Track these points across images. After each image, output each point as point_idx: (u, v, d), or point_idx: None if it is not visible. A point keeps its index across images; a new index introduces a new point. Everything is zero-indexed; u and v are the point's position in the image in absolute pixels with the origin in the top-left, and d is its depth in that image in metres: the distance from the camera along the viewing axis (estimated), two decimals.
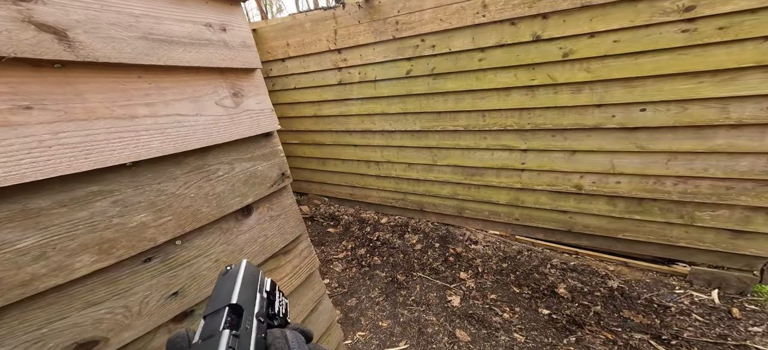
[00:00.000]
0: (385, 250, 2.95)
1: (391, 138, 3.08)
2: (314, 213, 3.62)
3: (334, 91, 3.10)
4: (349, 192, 3.72)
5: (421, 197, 3.25)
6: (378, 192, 3.51)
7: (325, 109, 3.26)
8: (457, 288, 2.42)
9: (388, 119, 3.00)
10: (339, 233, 3.25)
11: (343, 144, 3.36)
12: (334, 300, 2.33)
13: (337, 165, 3.57)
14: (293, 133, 3.62)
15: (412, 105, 2.82)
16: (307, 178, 3.91)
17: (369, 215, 3.58)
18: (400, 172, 3.22)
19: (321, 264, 2.67)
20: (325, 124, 3.35)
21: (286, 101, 3.41)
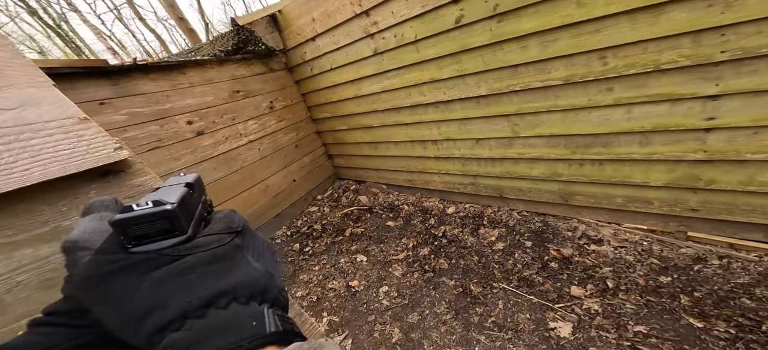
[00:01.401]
0: (454, 250, 2.31)
1: (448, 110, 2.32)
2: (373, 203, 3.28)
3: (372, 65, 2.51)
4: (408, 178, 3.20)
5: (498, 180, 2.42)
6: (440, 177, 2.85)
7: (365, 87, 2.72)
8: (566, 310, 1.62)
9: (440, 87, 2.24)
10: (399, 227, 2.81)
11: (391, 124, 2.79)
12: (393, 314, 1.89)
13: (390, 148, 3.06)
14: (340, 118, 3.25)
15: (470, 63, 1.99)
16: (362, 165, 3.57)
17: (432, 203, 2.98)
18: (465, 150, 2.45)
19: (380, 266, 2.31)
20: (368, 104, 2.83)
21: (326, 85, 3.01)
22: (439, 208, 2.86)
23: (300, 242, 2.77)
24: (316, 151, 3.53)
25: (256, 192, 2.80)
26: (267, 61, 2.96)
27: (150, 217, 0.22)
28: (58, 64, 1.80)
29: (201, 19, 12.11)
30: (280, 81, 3.09)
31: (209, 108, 2.46)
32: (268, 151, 2.94)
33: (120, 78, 2.00)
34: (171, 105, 2.23)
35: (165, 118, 2.19)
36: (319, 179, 3.59)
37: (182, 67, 2.32)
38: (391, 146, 2.99)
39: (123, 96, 2.00)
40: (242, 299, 0.23)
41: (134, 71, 2.06)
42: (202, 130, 2.40)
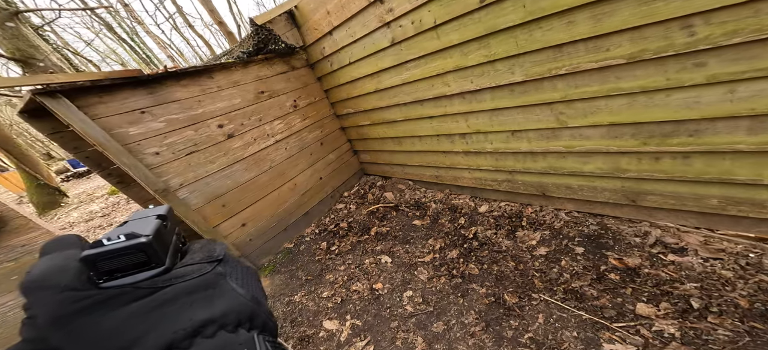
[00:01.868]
0: (486, 254, 2.10)
1: (477, 100, 2.07)
2: (399, 201, 3.16)
3: (390, 56, 2.33)
4: (434, 175, 3.00)
5: (540, 176, 2.12)
6: (471, 173, 2.61)
7: (385, 80, 2.55)
8: (628, 331, 1.36)
9: (466, 76, 2.00)
10: (426, 227, 2.66)
11: (415, 117, 2.60)
12: (417, 322, 1.78)
13: (414, 143, 2.88)
14: (363, 114, 3.14)
15: (500, 47, 1.72)
16: (387, 161, 3.45)
17: (462, 201, 2.76)
18: (499, 144, 2.18)
19: (405, 269, 2.22)
20: (389, 98, 2.66)
21: (347, 80, 2.90)
22: (469, 207, 2.64)
23: (327, 240, 2.78)
24: (341, 147, 3.50)
25: (286, 191, 2.86)
26: (288, 59, 2.94)
27: (123, 251, 0.21)
28: (102, 77, 1.89)
29: (234, 21, 12.77)
30: (302, 79, 3.07)
31: (237, 110, 2.52)
32: (295, 150, 2.97)
33: (155, 86, 2.08)
34: (203, 110, 2.31)
35: (198, 122, 2.28)
36: (346, 176, 3.57)
37: (210, 71, 2.37)
38: (416, 141, 2.81)
39: (160, 104, 2.10)
40: (230, 326, 0.23)
41: (166, 79, 2.14)
42: (232, 132, 2.48)
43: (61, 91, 1.69)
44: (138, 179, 1.96)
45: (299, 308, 2.12)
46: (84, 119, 1.76)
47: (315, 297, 2.16)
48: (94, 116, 1.82)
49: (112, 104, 1.89)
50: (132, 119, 1.97)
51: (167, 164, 2.09)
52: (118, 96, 1.93)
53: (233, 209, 2.44)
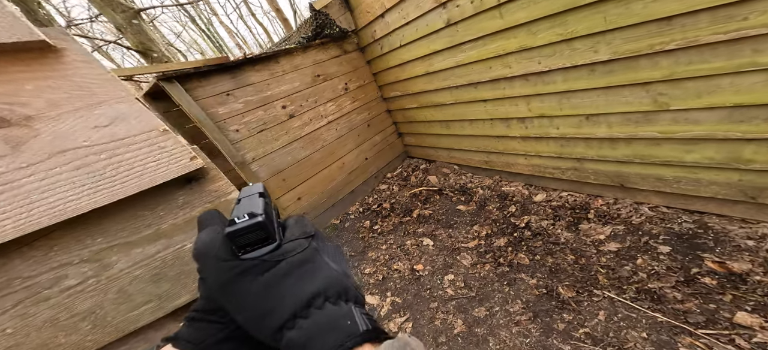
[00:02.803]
0: (540, 245, 1.98)
1: (544, 82, 1.89)
2: (443, 185, 3.14)
3: (444, 38, 2.24)
4: (484, 160, 2.89)
5: (619, 165, 1.88)
6: (527, 160, 2.44)
7: (436, 63, 2.47)
8: (718, 339, 1.20)
9: (533, 56, 1.83)
10: (471, 212, 2.62)
11: (467, 100, 2.49)
12: (457, 305, 1.81)
13: (464, 127, 2.78)
14: (410, 97, 3.11)
15: (582, 23, 1.53)
16: (433, 144, 3.41)
17: (514, 188, 2.62)
18: (567, 128, 1.97)
19: (447, 253, 2.25)
20: (440, 81, 2.58)
21: (396, 63, 2.88)
22: (523, 195, 2.50)
23: (370, 219, 2.92)
24: (386, 129, 3.56)
25: (335, 169, 3.07)
26: (341, 43, 3.03)
27: (250, 228, 0.26)
28: (201, 64, 2.23)
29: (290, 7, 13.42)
30: (353, 62, 3.15)
31: (297, 93, 2.74)
32: (344, 131, 3.13)
33: (236, 71, 2.38)
34: (271, 92, 2.57)
35: (267, 104, 2.56)
36: (390, 157, 3.64)
37: (276, 56, 2.60)
38: (466, 125, 2.72)
39: (240, 87, 2.40)
40: (332, 299, 0.26)
41: (245, 65, 2.42)
42: (293, 113, 2.73)
43: (175, 77, 2.05)
44: (224, 152, 2.33)
45: None
46: (189, 100, 2.12)
47: (357, 272, 2.32)
48: (195, 98, 2.17)
49: (207, 87, 2.23)
50: (220, 100, 2.30)
51: (244, 140, 2.43)
52: (211, 80, 2.25)
53: (291, 184, 2.73)
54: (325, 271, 0.27)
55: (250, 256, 0.26)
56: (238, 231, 0.26)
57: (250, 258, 0.26)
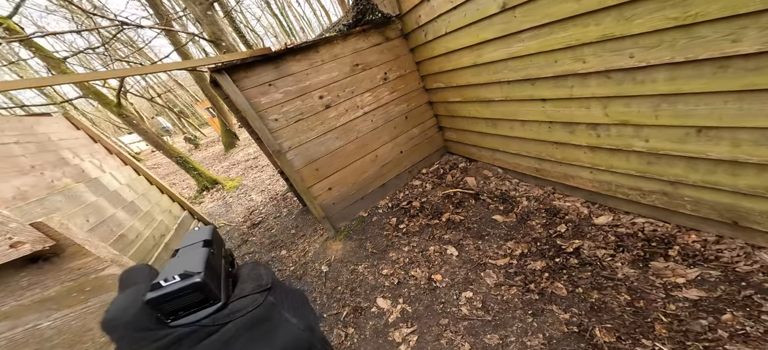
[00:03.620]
0: (587, 276, 1.69)
1: (636, 80, 1.49)
2: (481, 188, 2.88)
3: (497, 25, 1.92)
4: (535, 167, 2.52)
5: (739, 198, 1.44)
6: (594, 174, 2.03)
7: (486, 53, 2.15)
8: None
9: (623, 48, 1.44)
10: (508, 225, 2.35)
11: (520, 98, 2.15)
12: (469, 326, 1.68)
13: (514, 128, 2.42)
14: (454, 90, 2.82)
15: (714, 3, 1.13)
16: (475, 143, 3.10)
17: (570, 205, 2.24)
18: (663, 143, 1.56)
19: (470, 267, 2.10)
20: (489, 74, 2.26)
21: (441, 52, 2.61)
22: (579, 214, 2.13)
23: (398, 217, 2.86)
24: (425, 122, 3.35)
25: (367, 161, 3.06)
26: (383, 30, 2.89)
27: (181, 292, 0.22)
28: (246, 55, 2.34)
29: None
30: (394, 50, 2.99)
31: (335, 83, 2.74)
32: (380, 122, 3.06)
33: (279, 61, 2.46)
34: (309, 82, 2.63)
35: (305, 94, 2.63)
36: (427, 152, 3.46)
37: (316, 46, 2.61)
38: (516, 125, 2.38)
39: (281, 77, 2.50)
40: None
41: (286, 54, 2.48)
42: (329, 103, 2.76)
43: (224, 68, 2.24)
44: (263, 140, 2.54)
45: (360, 279, 2.31)
46: (235, 90, 2.31)
47: (375, 272, 2.32)
48: (241, 87, 2.35)
49: (251, 77, 2.38)
50: (263, 90, 2.45)
51: (282, 129, 2.58)
52: (256, 70, 2.39)
53: (324, 173, 2.83)
54: (282, 329, 0.24)
55: (183, 323, 0.23)
56: (162, 297, 0.22)
57: (183, 324, 0.23)
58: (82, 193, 2.53)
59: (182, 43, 7.32)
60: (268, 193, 4.93)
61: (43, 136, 2.59)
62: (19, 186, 2.02)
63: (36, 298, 0.46)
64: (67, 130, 3.03)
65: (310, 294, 2.36)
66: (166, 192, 3.90)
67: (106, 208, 2.69)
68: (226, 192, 5.79)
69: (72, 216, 2.24)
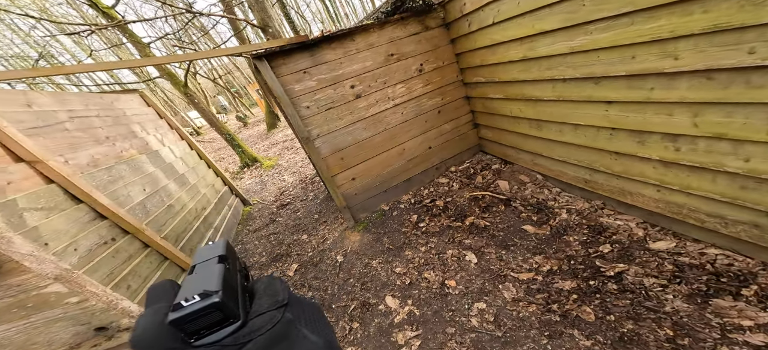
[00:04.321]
0: (624, 305, 1.51)
1: (751, 84, 1.21)
2: (514, 194, 2.66)
3: (560, 14, 1.71)
4: (584, 178, 2.24)
5: None
6: (661, 193, 1.75)
7: (541, 47, 1.94)
8: None
9: (741, 42, 1.17)
10: (540, 238, 2.15)
11: (577, 99, 1.91)
12: (476, 339, 1.58)
13: (564, 132, 2.16)
14: (496, 85, 2.60)
15: None
16: (514, 144, 2.84)
17: (622, 224, 1.96)
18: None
19: (488, 277, 1.99)
20: (542, 70, 2.04)
21: (485, 44, 2.42)
22: (632, 235, 1.88)
23: (419, 214, 2.80)
24: (460, 118, 3.17)
25: (394, 154, 3.02)
26: (423, 18, 2.76)
27: (201, 312, 0.23)
28: (285, 43, 2.42)
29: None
30: (433, 40, 2.85)
31: (367, 72, 2.72)
32: (411, 115, 2.98)
33: (315, 49, 2.51)
34: (342, 71, 2.65)
35: (337, 83, 2.66)
36: (458, 150, 3.28)
37: (352, 34, 2.59)
38: (567, 129, 2.12)
39: (315, 65, 2.55)
40: None
41: (322, 42, 2.51)
42: (360, 93, 2.76)
43: (264, 55, 2.35)
44: (294, 126, 2.66)
45: (372, 274, 2.31)
46: (272, 77, 2.42)
47: (389, 269, 2.31)
48: (278, 74, 2.45)
49: (288, 65, 2.47)
50: (297, 78, 2.53)
51: (312, 117, 2.65)
52: (293, 57, 2.46)
53: (349, 163, 2.87)
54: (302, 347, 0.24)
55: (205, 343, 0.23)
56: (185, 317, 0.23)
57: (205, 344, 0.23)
58: (143, 164, 2.93)
59: (239, 29, 8.03)
60: (299, 175, 5.20)
61: (120, 111, 3.09)
62: (93, 154, 2.40)
63: None
64: (140, 106, 3.56)
65: (322, 283, 2.44)
66: (212, 167, 4.35)
67: (161, 179, 3.07)
68: (263, 171, 6.31)
69: (132, 184, 2.63)
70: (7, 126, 1.74)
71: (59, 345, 0.52)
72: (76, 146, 2.29)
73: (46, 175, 1.88)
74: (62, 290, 0.42)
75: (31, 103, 2.13)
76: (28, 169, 1.80)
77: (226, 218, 3.92)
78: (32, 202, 1.73)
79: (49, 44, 16.56)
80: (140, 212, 2.57)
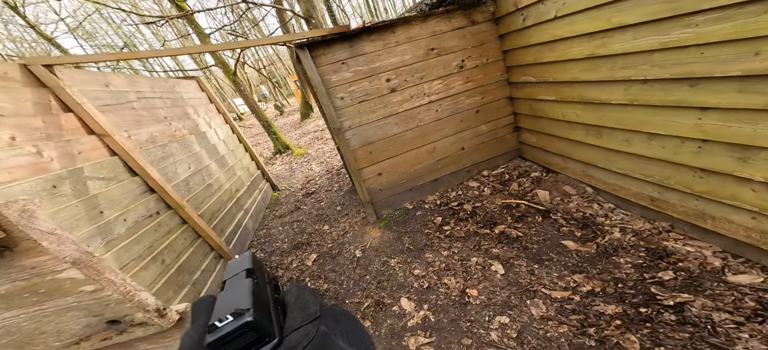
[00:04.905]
0: (681, 338, 1.35)
1: None
2: (555, 206, 2.43)
3: (653, 5, 1.51)
4: (650, 196, 1.97)
5: None
6: (757, 221, 1.52)
7: (616, 43, 1.75)
8: None
9: None
10: (582, 255, 1.92)
11: (658, 104, 1.69)
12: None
13: (633, 142, 1.93)
14: (550, 86, 2.39)
15: None
16: (563, 152, 2.60)
17: (693, 251, 1.72)
18: None
19: (515, 291, 1.86)
20: (614, 70, 1.83)
21: (542, 40, 2.24)
22: (706, 264, 1.63)
23: (443, 217, 2.69)
24: (500, 119, 2.98)
25: (423, 152, 2.94)
26: (470, 12, 2.64)
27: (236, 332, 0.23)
28: (326, 33, 2.46)
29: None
30: (479, 36, 2.71)
31: (405, 66, 2.68)
32: (445, 114, 2.88)
33: (354, 40, 2.52)
34: (379, 63, 2.63)
35: (373, 75, 2.65)
36: (493, 153, 3.09)
37: (393, 26, 2.56)
38: (639, 139, 1.89)
39: (354, 56, 2.57)
40: None
41: (362, 34, 2.51)
42: (395, 87, 2.72)
43: (306, 44, 2.41)
44: (327, 116, 2.67)
45: (389, 273, 2.27)
46: (312, 66, 2.47)
47: (407, 269, 2.25)
48: (317, 64, 2.50)
49: (327, 55, 2.51)
50: (335, 68, 2.56)
51: (345, 108, 2.68)
52: (333, 48, 2.49)
53: (376, 158, 2.85)
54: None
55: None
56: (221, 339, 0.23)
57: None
58: (191, 143, 3.21)
59: (285, 21, 8.56)
60: (326, 166, 5.35)
61: (178, 94, 3.47)
62: (152, 132, 2.69)
63: None
64: (195, 91, 3.97)
65: (339, 276, 2.46)
66: (248, 151, 4.64)
67: (204, 159, 3.33)
68: (293, 158, 6.61)
69: (179, 161, 2.88)
70: (86, 102, 2.00)
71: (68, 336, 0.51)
72: (139, 123, 2.57)
73: (111, 148, 2.12)
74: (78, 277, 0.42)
75: (109, 84, 2.43)
76: (97, 141, 2.05)
77: (256, 201, 4.12)
78: (96, 171, 1.95)
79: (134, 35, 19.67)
80: (183, 189, 2.74)
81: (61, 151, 1.78)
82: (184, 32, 13.38)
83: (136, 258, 1.96)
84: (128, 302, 0.47)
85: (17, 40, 15.72)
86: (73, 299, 0.45)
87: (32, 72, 1.81)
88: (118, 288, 0.47)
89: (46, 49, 15.85)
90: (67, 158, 1.79)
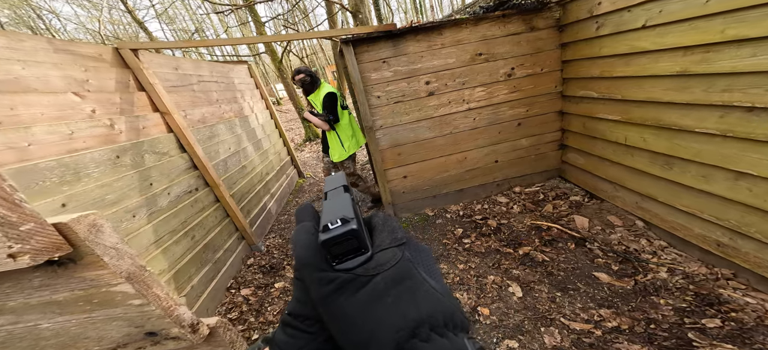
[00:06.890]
0: None
1: None
2: (592, 235, 2.31)
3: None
4: (717, 240, 1.83)
5: None
6: None
7: (726, 59, 1.59)
8: None
9: None
10: (614, 290, 1.80)
11: (761, 139, 1.56)
12: None
13: (712, 179, 1.80)
14: (613, 103, 2.27)
15: None
16: (615, 178, 2.42)
17: (754, 303, 1.58)
18: None
19: (531, 316, 1.85)
20: (712, 92, 1.70)
21: (618, 52, 2.13)
22: (763, 317, 1.55)
23: (464, 229, 2.65)
24: (544, 135, 2.84)
25: (453, 160, 2.91)
26: (531, 17, 2.60)
27: (344, 236, 0.26)
28: (371, 30, 2.54)
29: None
30: (536, 43, 2.65)
31: (447, 70, 2.69)
32: (483, 123, 2.83)
33: (399, 39, 2.56)
34: (421, 65, 2.66)
35: (412, 77, 2.69)
36: (530, 170, 2.97)
37: (441, 27, 2.58)
38: (722, 176, 1.75)
39: (396, 55, 2.61)
40: (439, 329, 0.25)
41: (407, 33, 2.55)
42: (433, 91, 2.75)
43: (350, 40, 2.52)
44: (361, 113, 2.75)
45: None
46: (354, 63, 2.57)
47: None
48: (359, 61, 2.59)
49: (370, 53, 2.58)
50: (376, 66, 2.63)
51: (380, 107, 2.76)
52: (376, 46, 2.55)
53: (404, 160, 2.88)
54: (426, 292, 0.26)
55: (343, 268, 0.26)
56: (332, 240, 0.26)
57: (344, 270, 0.26)
58: (235, 126, 3.50)
59: (333, 13, 9.21)
60: None
61: (230, 79, 3.92)
62: (204, 113, 3.00)
63: (43, 300, 0.50)
64: (244, 75, 4.47)
65: None
66: (282, 137, 4.93)
67: (243, 141, 3.60)
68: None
69: (222, 142, 3.13)
70: (157, 83, 2.28)
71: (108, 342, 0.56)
72: (195, 104, 2.86)
73: (169, 125, 2.39)
74: (129, 291, 0.48)
75: (178, 67, 2.75)
76: (159, 119, 2.32)
77: (282, 186, 4.31)
78: (153, 146, 2.14)
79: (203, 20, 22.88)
80: (222, 169, 2.92)
81: (130, 125, 2.04)
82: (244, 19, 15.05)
83: (171, 232, 2.11)
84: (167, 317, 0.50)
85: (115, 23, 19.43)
86: (120, 310, 0.49)
87: (121, 55, 2.11)
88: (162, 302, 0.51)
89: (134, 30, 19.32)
90: (133, 132, 2.05)
